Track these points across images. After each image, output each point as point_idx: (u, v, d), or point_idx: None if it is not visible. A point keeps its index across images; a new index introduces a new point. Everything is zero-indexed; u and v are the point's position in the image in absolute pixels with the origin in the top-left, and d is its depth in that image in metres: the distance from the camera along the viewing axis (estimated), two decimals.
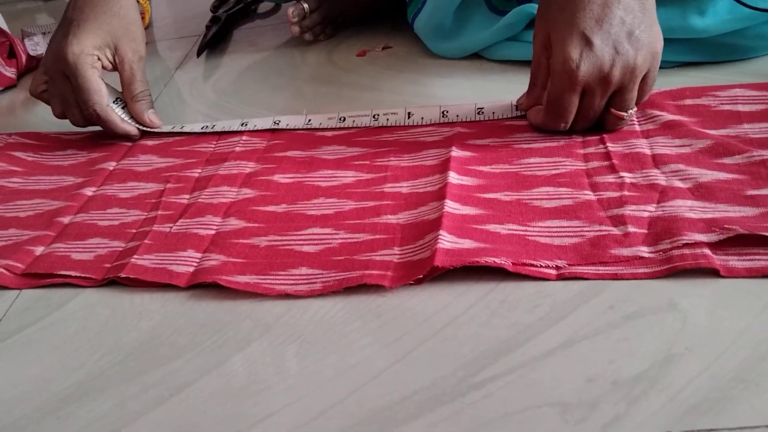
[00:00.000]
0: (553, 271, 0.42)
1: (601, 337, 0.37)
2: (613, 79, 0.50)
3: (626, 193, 0.47)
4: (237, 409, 0.36)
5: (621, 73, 0.50)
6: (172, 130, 0.65)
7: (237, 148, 0.60)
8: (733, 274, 0.40)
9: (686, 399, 0.33)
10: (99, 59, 0.62)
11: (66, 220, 0.54)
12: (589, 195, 0.47)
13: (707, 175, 0.47)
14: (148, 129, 0.65)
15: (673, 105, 0.55)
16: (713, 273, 0.40)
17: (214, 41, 0.87)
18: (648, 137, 0.52)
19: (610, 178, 0.49)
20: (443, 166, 0.53)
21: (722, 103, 0.55)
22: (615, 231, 0.44)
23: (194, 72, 0.82)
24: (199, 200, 0.53)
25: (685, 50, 0.61)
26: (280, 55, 0.82)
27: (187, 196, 0.55)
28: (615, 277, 0.41)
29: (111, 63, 0.63)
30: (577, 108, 0.52)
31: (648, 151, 0.51)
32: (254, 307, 0.43)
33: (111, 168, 0.61)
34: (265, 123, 0.63)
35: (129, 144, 0.64)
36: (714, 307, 0.38)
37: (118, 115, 0.63)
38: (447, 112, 0.60)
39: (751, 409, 0.32)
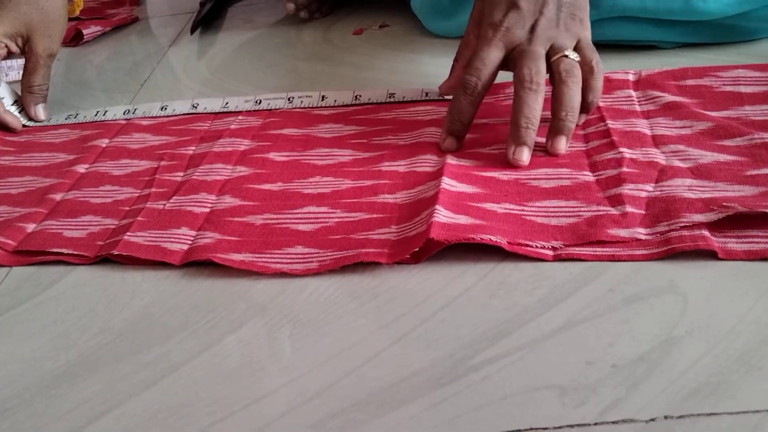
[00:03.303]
0: (550, 252, 0.41)
1: (601, 319, 0.37)
2: (538, 25, 0.50)
3: (625, 169, 0.46)
4: (230, 390, 0.36)
5: (545, 24, 0.50)
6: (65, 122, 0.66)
7: (232, 126, 0.60)
8: (731, 256, 0.39)
9: (687, 383, 0.32)
10: (6, 46, 0.64)
11: (58, 197, 0.53)
12: (588, 176, 0.47)
13: (707, 156, 0.46)
14: (36, 123, 0.66)
15: (675, 85, 0.55)
16: (714, 255, 0.39)
17: (209, 18, 0.86)
18: (648, 118, 0.52)
19: (609, 155, 0.48)
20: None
21: (724, 84, 0.54)
22: (613, 211, 0.43)
23: (188, 49, 0.80)
24: (193, 177, 0.53)
25: (687, 32, 0.61)
26: (276, 33, 0.81)
27: (181, 174, 0.54)
28: (612, 258, 0.40)
29: (20, 50, 0.65)
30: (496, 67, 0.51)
31: (648, 132, 0.50)
32: (248, 287, 0.42)
33: (104, 145, 0.60)
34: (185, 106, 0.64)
35: (122, 122, 0.64)
36: (715, 289, 0.38)
37: (2, 104, 0.65)
38: (360, 96, 0.61)
39: (754, 393, 0.32)
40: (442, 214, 0.43)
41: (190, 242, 0.46)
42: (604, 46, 0.63)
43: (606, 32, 0.62)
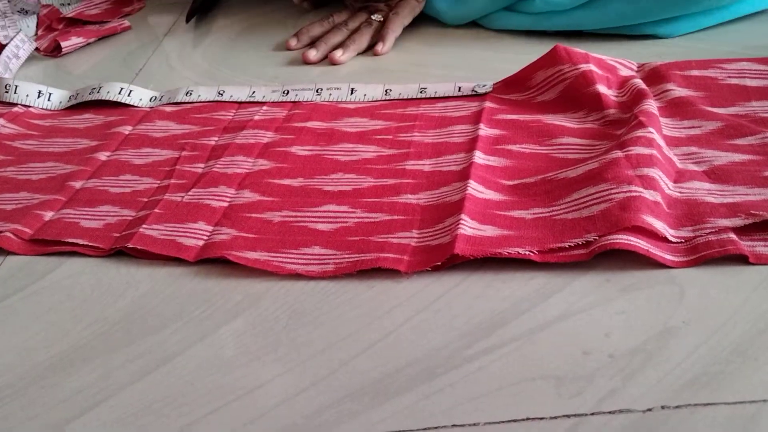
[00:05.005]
0: (584, 251, 0.39)
1: (597, 310, 0.37)
2: None
3: (655, 152, 0.44)
4: (225, 380, 0.36)
5: None
6: None
7: (256, 117, 0.59)
8: (761, 261, 0.38)
9: (683, 373, 0.32)
10: None
11: (78, 185, 0.53)
12: (616, 153, 0.45)
13: (722, 157, 0.45)
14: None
15: (680, 75, 0.54)
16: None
17: (205, 7, 0.85)
18: (660, 116, 0.50)
19: (639, 132, 0.46)
20: (469, 145, 0.50)
21: (729, 77, 0.53)
22: (645, 194, 0.41)
23: (184, 38, 0.80)
24: (214, 169, 0.52)
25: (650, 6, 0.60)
26: (273, 22, 0.80)
27: (202, 165, 0.53)
28: (647, 253, 0.38)
29: None
30: None
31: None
32: (244, 277, 0.42)
33: (126, 132, 0.59)
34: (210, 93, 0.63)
35: (147, 109, 0.63)
36: (712, 280, 0.37)
37: None
38: (390, 90, 0.60)
39: (750, 383, 0.32)
40: (468, 225, 0.42)
41: (206, 238, 0.45)
42: (603, 36, 0.63)
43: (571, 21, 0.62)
